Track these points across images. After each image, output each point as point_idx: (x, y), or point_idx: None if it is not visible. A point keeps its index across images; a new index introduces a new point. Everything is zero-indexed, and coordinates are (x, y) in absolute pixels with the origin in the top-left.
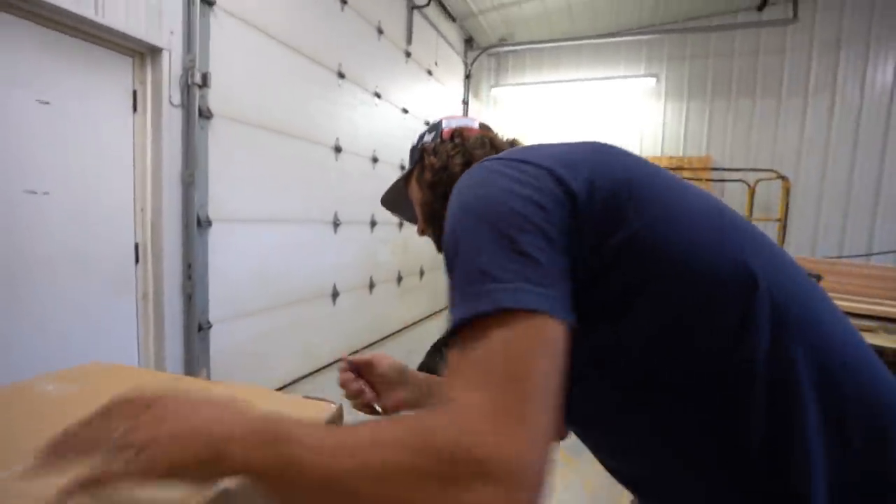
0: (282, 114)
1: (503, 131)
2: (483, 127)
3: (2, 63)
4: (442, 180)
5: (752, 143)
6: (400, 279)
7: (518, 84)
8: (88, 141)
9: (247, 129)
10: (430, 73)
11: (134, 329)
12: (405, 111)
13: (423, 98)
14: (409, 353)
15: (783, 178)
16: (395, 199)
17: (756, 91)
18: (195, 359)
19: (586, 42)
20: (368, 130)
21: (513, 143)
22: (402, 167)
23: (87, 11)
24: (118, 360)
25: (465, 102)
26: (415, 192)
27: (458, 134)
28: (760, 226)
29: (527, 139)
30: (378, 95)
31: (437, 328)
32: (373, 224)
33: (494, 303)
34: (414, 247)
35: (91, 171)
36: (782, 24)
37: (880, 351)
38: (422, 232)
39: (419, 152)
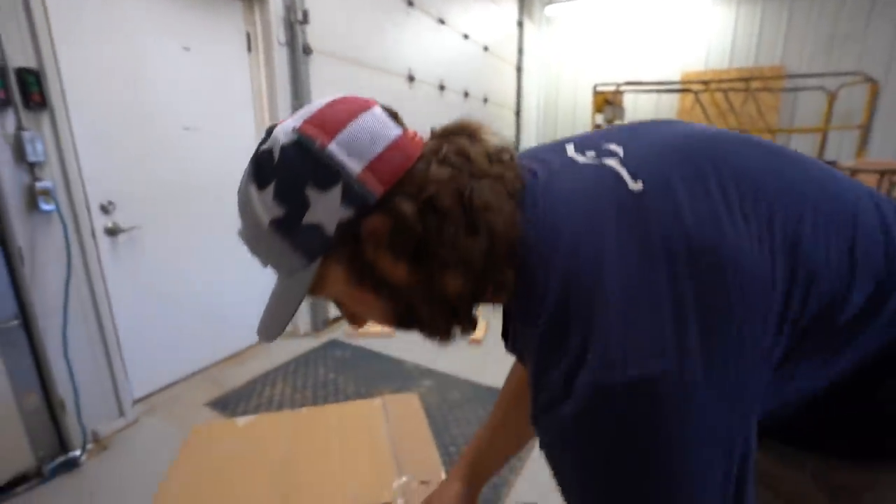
0: (363, 46)
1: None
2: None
3: (154, 13)
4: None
5: (834, 45)
6: None
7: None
8: (218, 81)
9: (338, 63)
10: None
11: None
12: (466, 37)
13: (481, 22)
14: None
15: (871, 80)
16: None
17: None
18: None
19: None
20: (435, 58)
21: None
22: (466, 93)
23: None
24: (257, 271)
25: (520, 24)
26: (353, 296)
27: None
28: (837, 135)
29: (584, 62)
30: (442, 22)
31: None
32: None
33: None
34: None
35: (222, 109)
36: None
37: None
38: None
39: (343, 238)
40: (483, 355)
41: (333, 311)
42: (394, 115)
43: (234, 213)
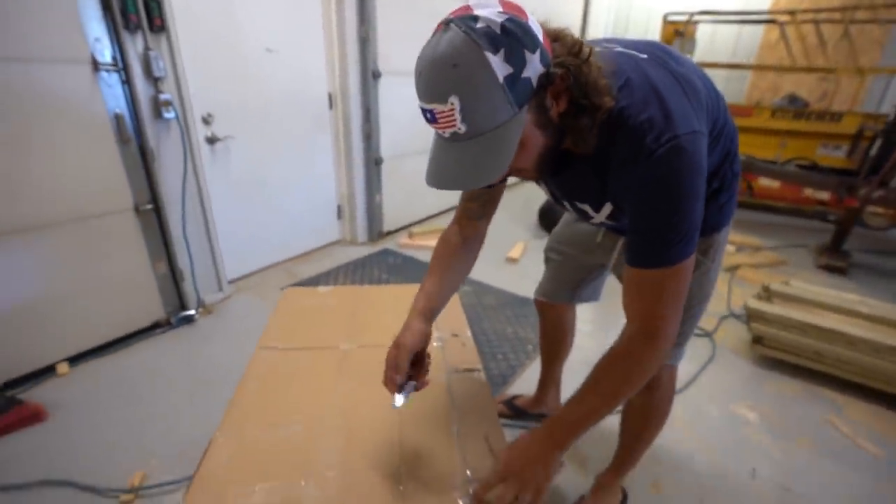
0: None
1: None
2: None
3: None
4: (585, 109)
5: None
6: None
7: None
8: (294, 7)
9: None
10: None
11: (331, 158)
12: None
13: None
14: (526, 201)
15: None
16: (480, 163)
17: None
18: (373, 186)
19: None
20: None
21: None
22: None
23: None
24: (324, 182)
25: None
26: (528, 137)
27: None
28: None
29: None
30: None
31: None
32: None
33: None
34: None
35: (297, 33)
36: None
37: None
38: (514, 174)
39: (537, 87)
40: (518, 271)
41: (387, 224)
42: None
43: (306, 125)
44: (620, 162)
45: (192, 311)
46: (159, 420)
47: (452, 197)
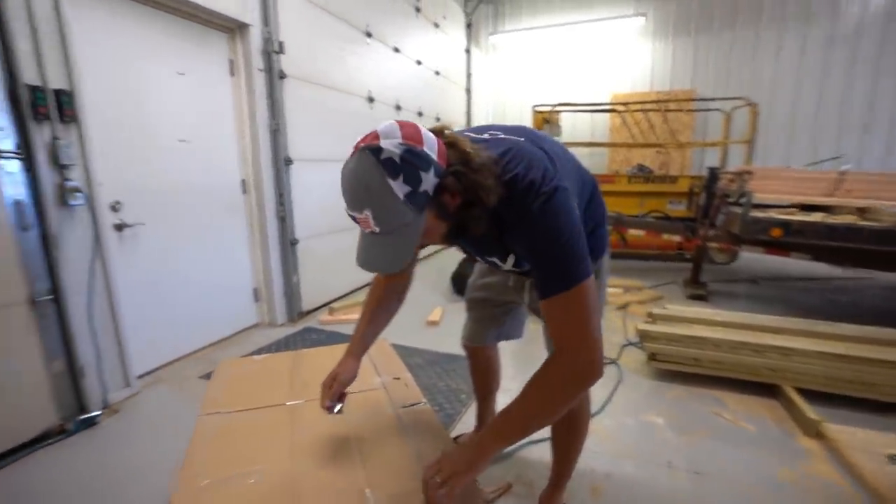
0: (329, 71)
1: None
2: (417, 131)
3: (151, 45)
4: (475, 202)
5: (731, 74)
6: None
7: (514, 30)
8: (206, 101)
9: (308, 85)
10: (436, 25)
11: (246, 242)
12: (419, 63)
13: (432, 50)
14: (439, 271)
15: (751, 104)
16: (388, 248)
17: (736, 24)
18: (290, 267)
19: None
20: (392, 82)
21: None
22: (420, 113)
23: None
24: (239, 266)
25: (468, 51)
26: (429, 226)
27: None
28: (735, 148)
29: (528, 84)
30: (397, 50)
31: (448, 254)
32: None
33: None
34: None
35: (211, 124)
36: None
37: (788, 224)
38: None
39: (434, 193)
40: (440, 333)
41: (306, 303)
42: (431, 130)
43: (220, 211)
44: (510, 220)
45: (95, 413)
46: None
47: (359, 280)
